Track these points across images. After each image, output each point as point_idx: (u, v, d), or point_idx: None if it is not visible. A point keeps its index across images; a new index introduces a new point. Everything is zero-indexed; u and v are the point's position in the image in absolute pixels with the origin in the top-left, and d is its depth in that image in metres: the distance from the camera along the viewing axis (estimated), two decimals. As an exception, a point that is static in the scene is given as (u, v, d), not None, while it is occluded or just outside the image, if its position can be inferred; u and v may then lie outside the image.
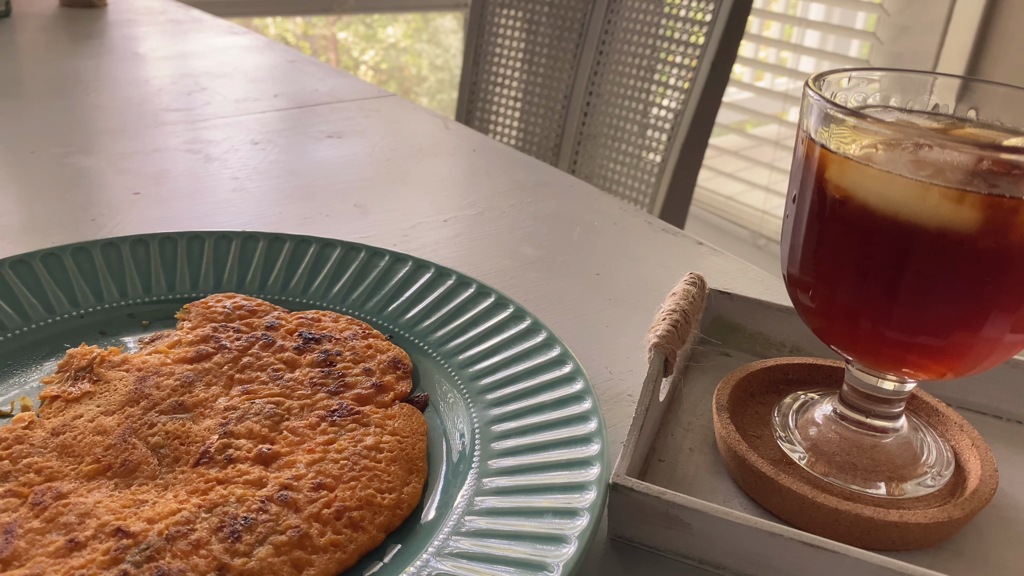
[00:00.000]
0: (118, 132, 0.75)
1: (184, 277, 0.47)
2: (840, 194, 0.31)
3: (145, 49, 1.07)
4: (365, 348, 0.41)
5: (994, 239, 0.29)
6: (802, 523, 0.33)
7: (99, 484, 0.32)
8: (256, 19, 2.35)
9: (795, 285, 0.35)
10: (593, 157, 1.41)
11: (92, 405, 0.36)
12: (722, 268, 0.56)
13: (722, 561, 0.31)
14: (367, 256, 0.48)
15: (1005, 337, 0.31)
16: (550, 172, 0.72)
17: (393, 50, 2.94)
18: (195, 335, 0.41)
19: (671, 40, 1.29)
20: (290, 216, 0.60)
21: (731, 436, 0.36)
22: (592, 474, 0.32)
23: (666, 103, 1.31)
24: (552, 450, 0.34)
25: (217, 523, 0.30)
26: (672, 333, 0.38)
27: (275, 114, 0.83)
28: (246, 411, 0.36)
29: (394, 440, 0.35)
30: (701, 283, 0.42)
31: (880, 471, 0.35)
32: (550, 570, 0.27)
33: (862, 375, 0.35)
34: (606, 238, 0.60)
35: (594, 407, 0.36)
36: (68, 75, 0.92)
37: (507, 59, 1.48)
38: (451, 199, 0.66)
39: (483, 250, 0.57)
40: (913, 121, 0.35)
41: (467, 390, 0.39)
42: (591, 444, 0.34)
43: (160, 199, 0.62)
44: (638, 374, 0.44)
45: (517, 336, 0.41)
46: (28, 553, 0.28)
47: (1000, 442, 0.39)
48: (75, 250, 0.46)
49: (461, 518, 0.31)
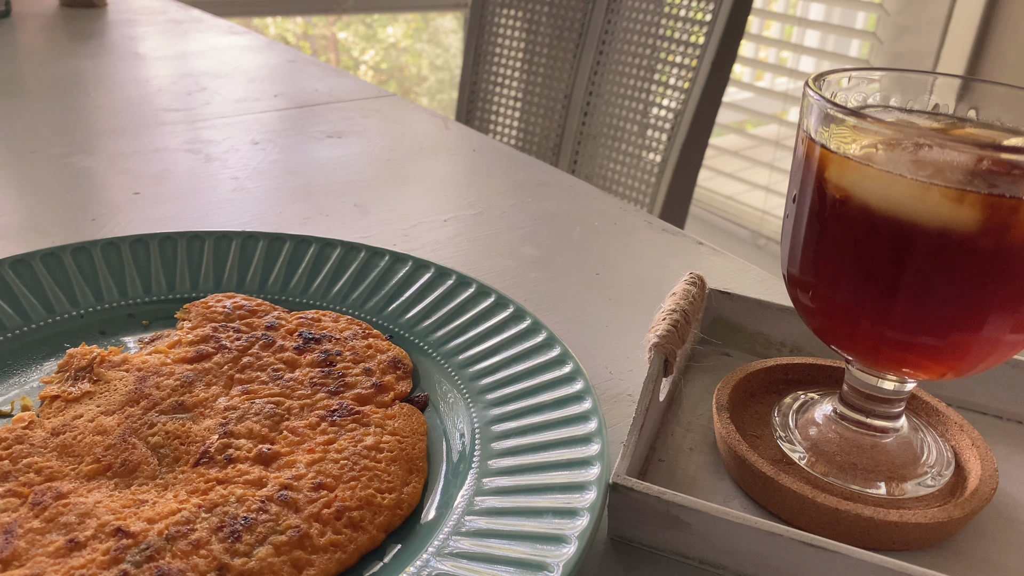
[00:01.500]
0: (118, 132, 0.75)
1: (184, 277, 0.47)
2: (840, 194, 0.31)
3: (145, 49, 1.07)
4: (365, 348, 0.41)
5: (994, 239, 0.29)
6: (802, 523, 0.33)
7: (99, 484, 0.32)
8: (256, 19, 2.35)
9: (795, 285, 0.35)
10: (593, 157, 1.41)
11: (92, 405, 0.36)
12: (722, 268, 0.56)
13: (722, 561, 0.31)
14: (367, 256, 0.48)
15: (1005, 337, 0.31)
16: (550, 172, 0.72)
17: (393, 50, 2.94)
18: (195, 335, 0.41)
19: (671, 40, 1.29)
20: (290, 216, 0.60)
21: (731, 436, 0.36)
22: (592, 474, 0.32)
23: (666, 103, 1.31)
24: (552, 450, 0.34)
25: (217, 523, 0.30)
26: (672, 333, 0.38)
27: (275, 114, 0.83)
28: (246, 411, 0.36)
29: (394, 440, 0.35)
30: (701, 283, 0.42)
31: (880, 471, 0.35)
32: (550, 570, 0.27)
33: (862, 375, 0.35)
34: (606, 238, 0.60)
35: (594, 407, 0.36)
36: (68, 75, 0.92)
37: (507, 59, 1.48)
38: (451, 199, 0.66)
39: (483, 250, 0.57)
40: (913, 121, 0.35)
41: (467, 390, 0.39)
42: (591, 444, 0.34)
43: (160, 199, 0.62)
44: (638, 374, 0.44)
45: (517, 336, 0.41)
46: (28, 553, 0.28)
47: (1000, 442, 0.39)
48: (75, 250, 0.46)
49: (461, 518, 0.31)
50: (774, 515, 0.34)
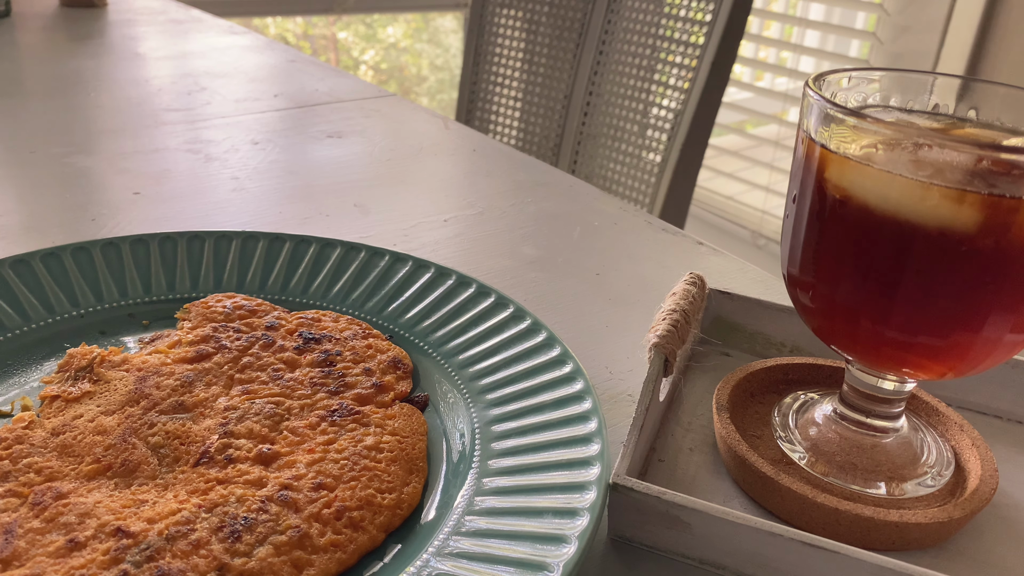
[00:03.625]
0: (118, 132, 0.75)
1: (184, 277, 0.47)
2: (840, 194, 0.31)
3: (145, 49, 1.07)
4: (365, 348, 0.41)
5: (994, 239, 0.29)
6: (802, 523, 0.33)
7: (99, 484, 0.32)
8: (256, 19, 2.35)
9: (795, 285, 0.35)
10: (593, 157, 1.41)
11: (92, 405, 0.36)
12: (722, 268, 0.56)
13: (722, 561, 0.31)
14: (367, 256, 0.48)
15: (1005, 337, 0.31)
16: (550, 172, 0.72)
17: (393, 50, 2.94)
18: (195, 335, 0.41)
19: (671, 40, 1.29)
20: (290, 216, 0.60)
21: (731, 436, 0.36)
22: (592, 474, 0.32)
23: (666, 103, 1.31)
24: (552, 450, 0.34)
25: (217, 523, 0.30)
26: (672, 333, 0.38)
27: (275, 114, 0.83)
28: (246, 411, 0.36)
29: (394, 440, 0.35)
30: (701, 283, 0.42)
31: (880, 471, 0.35)
32: (550, 570, 0.27)
33: (862, 375, 0.35)
34: (606, 238, 0.60)
35: (594, 407, 0.36)
36: (68, 75, 0.92)
37: (507, 59, 1.48)
38: (451, 199, 0.66)
39: (483, 250, 0.57)
40: (913, 121, 0.35)
41: (467, 390, 0.39)
42: (591, 444, 0.34)
43: (160, 199, 0.62)
44: (638, 374, 0.44)
45: (517, 336, 0.41)
46: (28, 553, 0.28)
47: (1000, 442, 0.39)
48: (75, 250, 0.46)
49: (461, 518, 0.31)
50: (774, 515, 0.34)
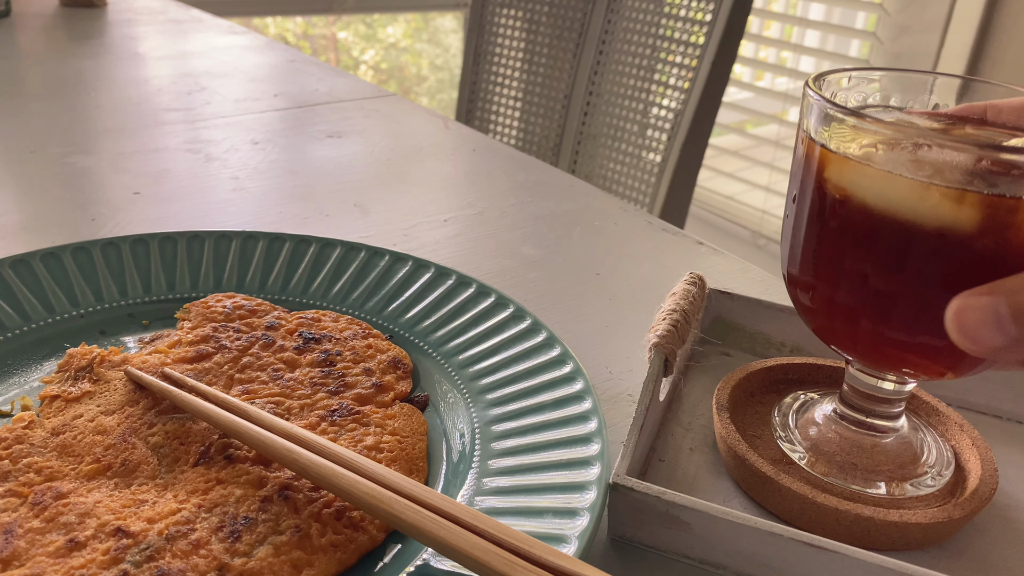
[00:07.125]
0: (118, 132, 0.75)
1: (184, 277, 0.47)
2: (840, 194, 0.31)
3: (145, 49, 1.07)
4: (365, 348, 0.41)
5: (994, 239, 0.28)
6: (802, 523, 0.33)
7: (99, 484, 0.32)
8: (256, 19, 2.35)
9: (795, 285, 0.35)
10: (593, 157, 1.41)
11: (92, 405, 0.36)
12: (722, 268, 0.56)
13: (722, 561, 0.31)
14: (367, 256, 0.48)
15: (1005, 337, 0.31)
16: (550, 172, 0.72)
17: (393, 50, 2.94)
18: (195, 335, 0.41)
19: (671, 40, 1.29)
20: (290, 216, 0.60)
21: (731, 436, 0.36)
22: (592, 474, 0.32)
23: (666, 103, 1.31)
24: (552, 450, 0.34)
25: (217, 523, 0.30)
26: (672, 333, 0.38)
27: (275, 114, 0.83)
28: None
29: (394, 440, 0.35)
30: (701, 283, 0.42)
31: (880, 471, 0.35)
32: (550, 570, 0.27)
33: (862, 375, 0.35)
34: (606, 238, 0.60)
35: (594, 407, 0.36)
36: (68, 75, 0.92)
37: (507, 59, 1.48)
38: (451, 199, 0.66)
39: (483, 250, 0.57)
40: (913, 121, 0.35)
41: (467, 390, 0.39)
42: (591, 444, 0.34)
43: (160, 199, 0.62)
44: (638, 374, 0.44)
45: (517, 336, 0.41)
46: (28, 553, 0.28)
47: (1000, 442, 0.39)
48: (75, 250, 0.46)
49: (461, 518, 0.31)
50: (774, 515, 0.34)
